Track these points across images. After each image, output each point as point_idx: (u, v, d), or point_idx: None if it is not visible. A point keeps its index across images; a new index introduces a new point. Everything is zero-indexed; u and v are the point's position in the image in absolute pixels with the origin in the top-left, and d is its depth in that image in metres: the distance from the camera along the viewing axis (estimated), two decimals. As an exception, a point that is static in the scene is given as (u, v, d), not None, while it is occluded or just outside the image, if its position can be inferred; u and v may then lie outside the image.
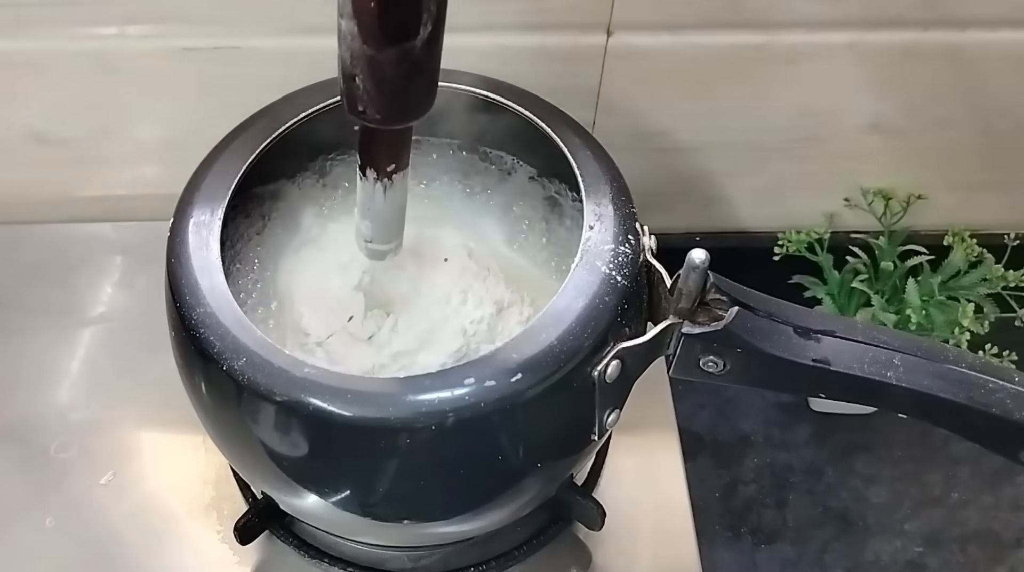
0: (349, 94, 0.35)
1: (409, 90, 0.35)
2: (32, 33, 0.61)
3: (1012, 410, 0.38)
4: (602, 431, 0.43)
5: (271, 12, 0.60)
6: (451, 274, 0.48)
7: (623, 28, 0.62)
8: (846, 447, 0.84)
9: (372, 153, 0.39)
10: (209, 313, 0.40)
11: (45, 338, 0.64)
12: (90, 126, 0.68)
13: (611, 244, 0.43)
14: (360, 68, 0.33)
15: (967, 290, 0.72)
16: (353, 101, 0.35)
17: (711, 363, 0.41)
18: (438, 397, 0.38)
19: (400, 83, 0.34)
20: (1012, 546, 0.79)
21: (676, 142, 0.71)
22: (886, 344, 0.40)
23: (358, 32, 0.32)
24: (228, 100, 0.51)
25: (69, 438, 0.60)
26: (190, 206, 0.44)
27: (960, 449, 0.83)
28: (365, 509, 0.43)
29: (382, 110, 0.35)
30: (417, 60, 0.33)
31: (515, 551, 0.54)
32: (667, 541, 0.57)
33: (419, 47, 0.33)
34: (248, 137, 0.47)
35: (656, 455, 0.60)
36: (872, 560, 0.78)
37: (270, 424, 0.40)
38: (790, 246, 0.74)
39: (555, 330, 0.39)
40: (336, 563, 0.54)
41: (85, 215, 0.72)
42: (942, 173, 0.74)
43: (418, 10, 0.32)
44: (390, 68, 0.33)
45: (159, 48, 0.62)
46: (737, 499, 0.81)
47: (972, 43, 0.64)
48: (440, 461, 0.41)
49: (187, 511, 0.57)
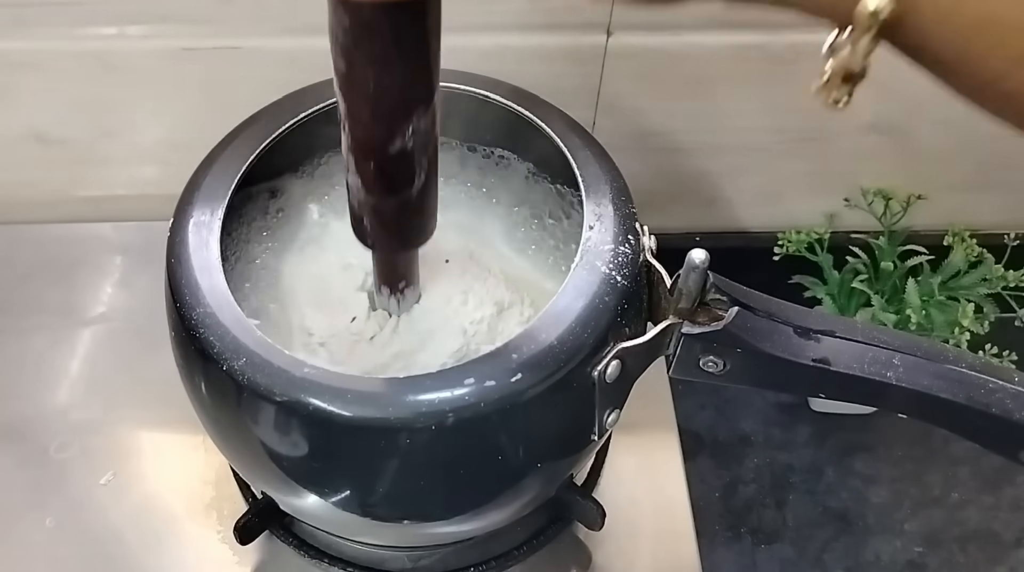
0: (359, 229, 0.40)
1: (410, 226, 0.40)
2: (32, 33, 0.61)
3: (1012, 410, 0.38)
4: (602, 431, 0.43)
5: (271, 12, 0.60)
6: (452, 275, 0.48)
7: (623, 28, 0.62)
8: (846, 447, 0.84)
9: (385, 274, 0.44)
10: (209, 313, 0.40)
11: (45, 338, 0.64)
12: (90, 126, 0.68)
13: (611, 244, 0.43)
14: (366, 212, 0.38)
15: (967, 290, 0.72)
16: (363, 235, 0.40)
17: (711, 363, 0.41)
18: (438, 397, 0.38)
19: (401, 222, 0.39)
20: (1012, 546, 0.79)
21: (676, 142, 0.71)
22: (886, 344, 0.40)
23: (361, 186, 0.37)
24: (228, 100, 0.51)
25: (69, 438, 0.60)
26: (190, 206, 0.44)
27: (960, 449, 0.83)
28: (365, 509, 0.43)
29: (388, 243, 0.41)
30: (414, 204, 0.38)
31: (515, 551, 0.54)
32: (667, 541, 0.57)
33: (415, 195, 0.38)
34: (248, 137, 0.47)
35: (656, 455, 0.60)
36: (872, 560, 0.78)
37: (270, 424, 0.40)
38: (790, 246, 0.74)
39: (555, 330, 0.40)
40: (336, 563, 0.54)
41: (85, 215, 0.72)
42: (942, 173, 0.74)
43: (411, 167, 0.37)
44: (391, 212, 0.38)
45: (159, 48, 0.62)
46: (737, 499, 0.81)
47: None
48: (440, 461, 0.41)
49: (187, 511, 0.57)
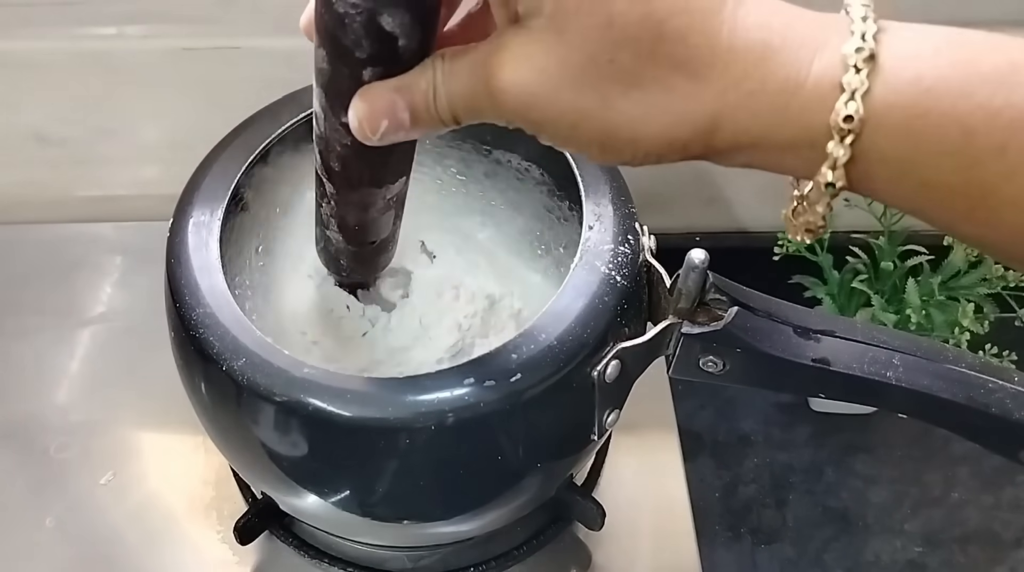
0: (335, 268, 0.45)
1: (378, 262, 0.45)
2: (32, 33, 0.61)
3: (1012, 410, 0.38)
4: (602, 431, 0.43)
5: (271, 12, 0.60)
6: (442, 270, 0.48)
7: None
8: (846, 447, 0.84)
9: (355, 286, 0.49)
10: (209, 313, 0.40)
11: (45, 338, 0.64)
12: (90, 126, 0.68)
13: (611, 244, 0.43)
14: (345, 257, 0.43)
15: (967, 290, 0.72)
16: (337, 270, 0.46)
17: (711, 363, 0.41)
18: (438, 397, 0.38)
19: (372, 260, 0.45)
20: (1012, 546, 0.79)
21: (676, 142, 0.71)
22: (886, 344, 0.40)
23: (343, 239, 0.41)
24: (228, 100, 0.51)
25: (69, 438, 0.60)
26: (190, 206, 0.44)
27: (960, 449, 0.83)
28: (365, 509, 0.43)
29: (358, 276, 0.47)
30: (385, 246, 0.43)
31: (515, 551, 0.54)
32: (667, 541, 0.57)
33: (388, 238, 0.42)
34: (248, 137, 0.47)
35: (656, 455, 0.60)
36: (872, 560, 0.78)
37: (270, 424, 0.40)
38: (790, 246, 0.74)
39: (555, 330, 0.40)
40: (336, 563, 0.54)
41: (85, 215, 0.72)
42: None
43: (389, 223, 0.40)
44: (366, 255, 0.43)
45: (159, 48, 0.62)
46: (737, 499, 0.81)
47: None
48: (440, 461, 0.41)
49: (187, 511, 0.57)
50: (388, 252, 0.45)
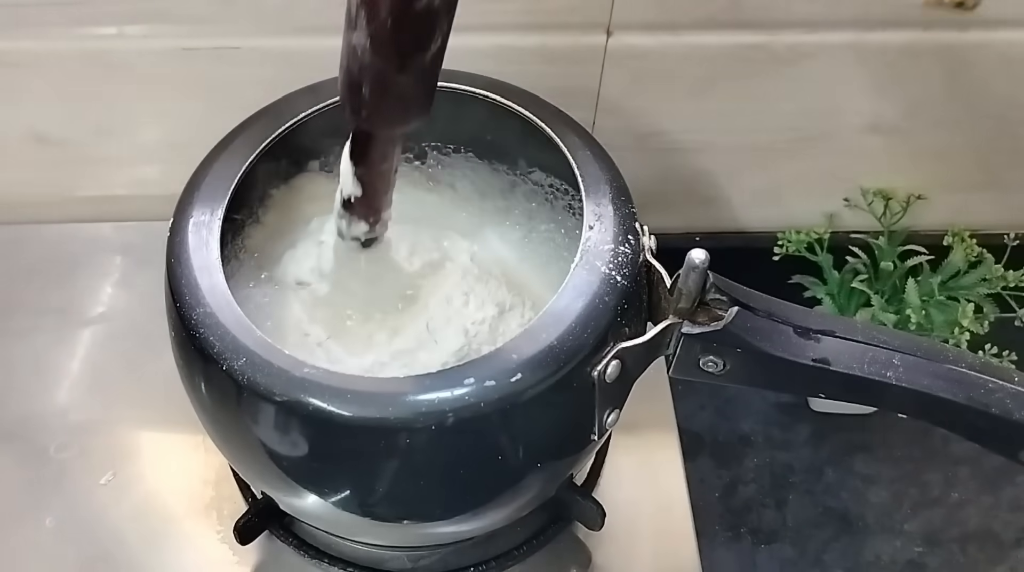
0: (353, 101, 0.36)
1: (411, 98, 0.36)
2: (32, 33, 0.61)
3: (1012, 410, 0.38)
4: (602, 431, 0.43)
5: (271, 12, 0.60)
6: (453, 276, 0.48)
7: (623, 28, 0.62)
8: (846, 447, 0.84)
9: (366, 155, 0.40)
10: (209, 313, 0.40)
11: (45, 338, 0.64)
12: (90, 126, 0.68)
13: (611, 244, 0.43)
14: (367, 78, 0.34)
15: (967, 290, 0.72)
16: (357, 107, 0.36)
17: (711, 363, 0.41)
18: (438, 397, 0.38)
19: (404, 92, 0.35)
20: (1012, 546, 0.79)
21: (676, 142, 0.71)
22: (886, 344, 0.40)
23: (369, 46, 0.33)
24: (228, 100, 0.51)
25: (69, 438, 0.60)
26: (190, 206, 0.44)
27: (960, 449, 0.83)
28: (365, 509, 0.43)
29: (383, 117, 0.37)
30: (422, 73, 0.35)
31: (515, 551, 0.54)
32: (667, 541, 0.57)
33: (428, 61, 0.34)
34: (248, 137, 0.47)
35: (656, 455, 0.60)
36: (872, 560, 0.78)
37: (270, 424, 0.40)
38: (790, 246, 0.74)
39: (555, 330, 0.39)
40: (336, 563, 0.54)
41: (85, 215, 0.72)
42: (942, 173, 0.74)
43: (432, 28, 0.33)
44: (396, 79, 0.34)
45: (159, 48, 0.62)
46: (737, 499, 0.81)
47: (972, 43, 0.64)
48: (440, 461, 0.41)
49: (187, 511, 0.57)
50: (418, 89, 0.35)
